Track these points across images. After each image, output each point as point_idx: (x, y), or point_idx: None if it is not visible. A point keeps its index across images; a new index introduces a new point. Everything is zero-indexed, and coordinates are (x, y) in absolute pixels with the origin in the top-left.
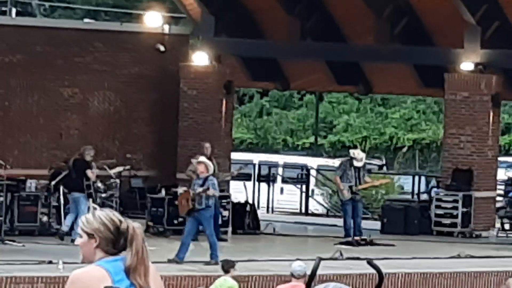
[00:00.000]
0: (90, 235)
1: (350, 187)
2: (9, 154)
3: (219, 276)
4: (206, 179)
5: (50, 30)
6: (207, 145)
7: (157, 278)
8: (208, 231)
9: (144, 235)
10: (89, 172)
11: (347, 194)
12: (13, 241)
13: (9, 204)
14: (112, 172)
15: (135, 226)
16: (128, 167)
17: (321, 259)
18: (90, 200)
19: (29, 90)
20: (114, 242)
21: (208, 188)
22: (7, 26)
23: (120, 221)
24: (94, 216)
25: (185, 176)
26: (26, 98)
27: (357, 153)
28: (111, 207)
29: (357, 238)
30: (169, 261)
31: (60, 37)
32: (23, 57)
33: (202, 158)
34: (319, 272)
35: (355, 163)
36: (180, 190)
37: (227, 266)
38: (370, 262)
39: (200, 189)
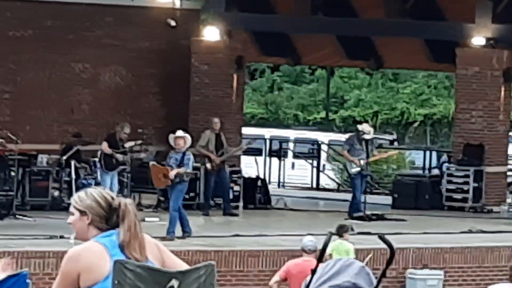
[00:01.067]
0: (82, 212)
1: (360, 160)
2: (20, 129)
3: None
4: (184, 154)
5: (61, 5)
6: (216, 120)
7: (152, 246)
8: (173, 204)
9: (136, 210)
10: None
11: (358, 166)
12: (25, 215)
13: (21, 179)
14: (105, 145)
15: (127, 202)
16: (140, 141)
17: (332, 234)
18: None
19: (40, 65)
20: (107, 218)
21: (186, 172)
22: (18, 1)
23: (112, 198)
24: (86, 194)
25: (195, 151)
26: (37, 73)
27: (365, 127)
28: (123, 182)
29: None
30: (181, 237)
31: (71, 11)
32: (34, 32)
33: (180, 133)
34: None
35: (364, 137)
36: (153, 162)
37: (342, 231)
38: (381, 237)
39: (181, 170)
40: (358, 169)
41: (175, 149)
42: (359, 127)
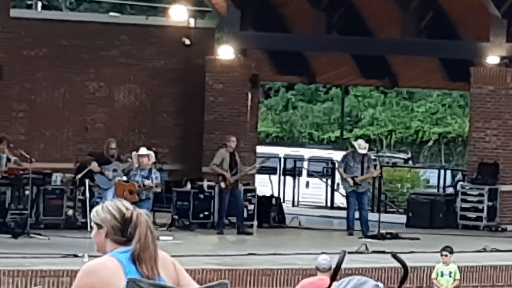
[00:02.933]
0: (99, 226)
1: (353, 178)
2: (34, 148)
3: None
4: (150, 170)
5: (76, 24)
6: (233, 138)
7: (169, 266)
8: None
9: (150, 223)
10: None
11: (350, 184)
12: (39, 234)
13: (35, 197)
14: (94, 164)
15: (139, 213)
16: (127, 155)
17: (346, 252)
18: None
19: (55, 83)
20: (122, 230)
21: (160, 183)
22: (33, 20)
23: (127, 209)
24: (102, 207)
25: (209, 170)
26: (52, 91)
27: (360, 142)
28: None
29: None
30: (90, 257)
31: (86, 30)
32: (49, 50)
33: (143, 150)
34: (344, 265)
35: (359, 152)
36: (119, 179)
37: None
38: (395, 256)
39: (149, 182)
40: (351, 188)
41: (137, 167)
42: (354, 143)
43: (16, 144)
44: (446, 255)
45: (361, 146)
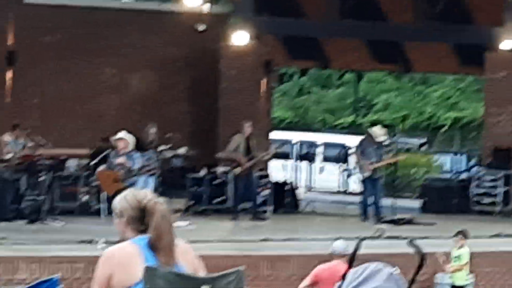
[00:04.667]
0: (120, 214)
1: (370, 163)
2: (49, 134)
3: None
4: (129, 155)
5: (88, 11)
6: (248, 124)
7: (189, 256)
8: None
9: (167, 212)
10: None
11: (367, 170)
12: (54, 220)
13: (50, 184)
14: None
15: (155, 201)
16: (168, 146)
17: (362, 239)
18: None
19: (68, 70)
20: (140, 219)
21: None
22: (47, 6)
23: (145, 198)
24: (122, 196)
25: (224, 156)
26: (65, 78)
27: (376, 130)
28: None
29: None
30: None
31: (98, 18)
32: (62, 37)
33: (121, 134)
34: (359, 251)
35: (376, 139)
36: (101, 169)
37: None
38: (411, 242)
39: (122, 160)
40: (369, 173)
41: (117, 152)
42: (370, 130)
43: (31, 131)
44: (458, 240)
45: (378, 133)
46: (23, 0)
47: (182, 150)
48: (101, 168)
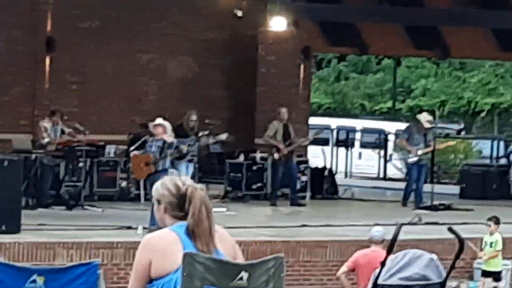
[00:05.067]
0: (158, 201)
1: (417, 150)
2: (88, 120)
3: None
4: (164, 141)
5: None
6: (284, 110)
7: (228, 243)
8: None
9: (205, 198)
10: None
11: (415, 155)
12: (93, 206)
13: (89, 169)
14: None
15: (194, 188)
16: (206, 132)
17: (401, 225)
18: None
19: (107, 55)
20: (180, 205)
21: (185, 148)
22: None
23: (183, 185)
24: (161, 183)
25: (262, 141)
26: (103, 63)
27: (424, 116)
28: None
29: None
30: (145, 229)
31: (137, 2)
32: (101, 22)
33: (158, 120)
34: (398, 237)
35: (424, 126)
36: (136, 152)
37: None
38: (451, 229)
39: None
40: (415, 158)
41: (154, 137)
42: (419, 116)
43: (69, 116)
44: (490, 225)
45: (426, 120)
46: None
47: (223, 136)
48: (136, 152)
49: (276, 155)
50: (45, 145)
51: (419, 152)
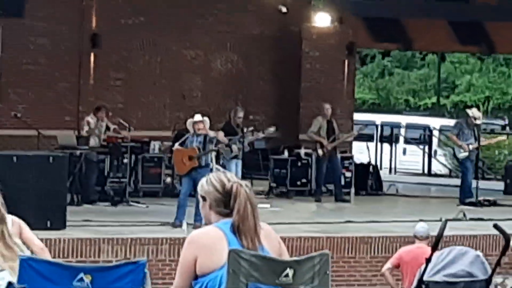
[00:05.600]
0: (203, 198)
1: (468, 145)
2: (132, 116)
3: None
4: (205, 137)
5: None
6: (327, 106)
7: (273, 240)
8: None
9: (250, 195)
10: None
11: (466, 150)
12: (138, 202)
13: (133, 166)
14: (221, 135)
15: (239, 184)
16: (251, 128)
17: (447, 222)
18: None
19: (152, 51)
20: (225, 202)
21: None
22: None
23: (228, 181)
24: (206, 180)
25: (307, 137)
26: (149, 59)
27: (474, 111)
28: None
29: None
30: (171, 224)
31: None
32: (146, 18)
33: (199, 117)
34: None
35: (473, 122)
36: (178, 147)
37: None
38: (496, 226)
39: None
40: (466, 153)
41: (193, 133)
42: (469, 111)
43: (114, 113)
44: None
45: (477, 115)
46: None
47: (271, 130)
48: (178, 146)
49: (320, 151)
50: (86, 137)
51: (471, 147)
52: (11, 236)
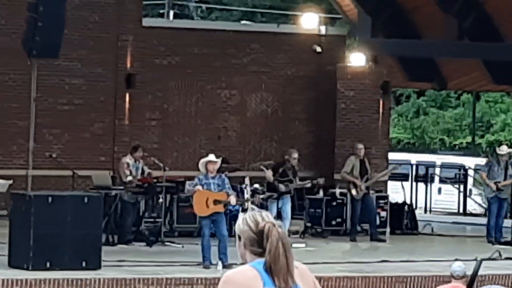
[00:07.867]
0: (239, 237)
1: (496, 183)
2: (167, 156)
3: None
4: (221, 177)
5: (208, 32)
6: (360, 145)
7: (308, 279)
8: (225, 232)
9: (283, 235)
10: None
11: (493, 189)
12: (173, 242)
13: (168, 205)
14: (269, 173)
15: (272, 224)
16: (308, 182)
17: (482, 261)
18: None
19: (187, 92)
20: (258, 241)
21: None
22: (165, 29)
23: (262, 220)
24: (243, 219)
25: (340, 177)
26: (184, 100)
27: (502, 148)
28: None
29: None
30: (204, 266)
31: (217, 38)
32: (181, 59)
33: (212, 157)
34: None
35: (503, 158)
36: (198, 187)
37: None
38: None
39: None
40: (493, 193)
41: (206, 174)
42: (497, 149)
43: (149, 153)
44: None
45: (503, 152)
46: (142, 23)
47: (321, 181)
48: (200, 187)
49: (353, 191)
50: (128, 182)
51: (499, 185)
52: None
